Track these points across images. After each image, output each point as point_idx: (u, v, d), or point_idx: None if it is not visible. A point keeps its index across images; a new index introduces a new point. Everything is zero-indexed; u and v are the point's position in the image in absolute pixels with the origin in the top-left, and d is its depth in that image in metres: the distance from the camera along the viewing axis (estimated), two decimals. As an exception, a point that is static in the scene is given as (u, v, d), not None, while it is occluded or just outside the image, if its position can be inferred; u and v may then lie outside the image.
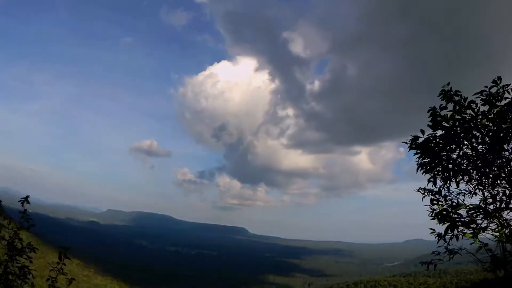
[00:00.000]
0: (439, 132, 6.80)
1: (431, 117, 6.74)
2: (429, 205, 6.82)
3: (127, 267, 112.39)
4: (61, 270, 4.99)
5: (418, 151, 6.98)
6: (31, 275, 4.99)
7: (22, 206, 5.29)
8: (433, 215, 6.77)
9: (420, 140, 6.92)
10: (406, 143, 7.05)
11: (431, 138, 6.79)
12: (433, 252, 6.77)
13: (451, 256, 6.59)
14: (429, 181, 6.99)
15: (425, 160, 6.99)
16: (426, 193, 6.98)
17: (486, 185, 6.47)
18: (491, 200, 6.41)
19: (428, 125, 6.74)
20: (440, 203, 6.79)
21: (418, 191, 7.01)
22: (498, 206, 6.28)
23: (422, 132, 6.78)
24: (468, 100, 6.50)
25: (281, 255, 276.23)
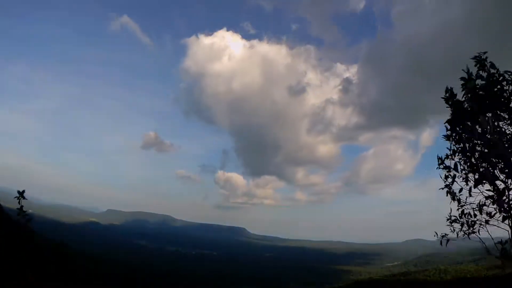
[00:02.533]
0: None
1: (463, 80, 6.25)
2: (443, 179, 6.60)
3: (127, 267, 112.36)
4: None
5: (450, 103, 6.31)
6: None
7: (19, 202, 5.27)
8: (446, 191, 6.58)
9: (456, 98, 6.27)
10: (447, 91, 6.27)
11: (463, 102, 6.23)
12: (447, 222, 6.54)
13: (467, 235, 6.35)
14: (447, 156, 6.61)
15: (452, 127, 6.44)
16: (442, 165, 6.63)
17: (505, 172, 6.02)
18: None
19: (462, 85, 6.16)
20: (455, 179, 6.49)
21: (438, 159, 6.62)
22: (508, 200, 5.91)
23: (466, 79, 6.10)
24: (501, 76, 6.04)
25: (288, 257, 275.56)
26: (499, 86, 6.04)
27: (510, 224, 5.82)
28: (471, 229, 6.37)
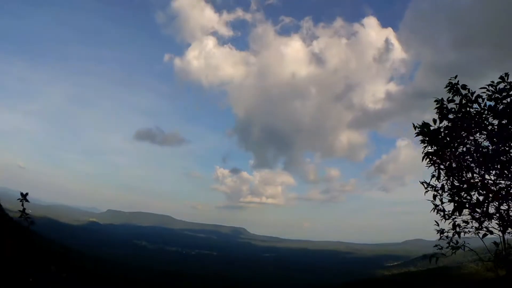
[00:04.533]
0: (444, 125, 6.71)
1: (437, 109, 6.68)
2: (431, 200, 6.82)
3: (127, 267, 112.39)
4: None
5: (426, 138, 6.74)
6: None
7: (22, 205, 5.28)
8: (436, 210, 6.83)
9: (431, 128, 6.70)
10: (415, 127, 6.74)
11: (440, 129, 6.66)
12: (436, 246, 6.79)
13: (454, 251, 6.66)
14: (433, 175, 6.88)
15: (432, 149, 6.80)
16: (429, 188, 6.88)
17: (489, 182, 6.40)
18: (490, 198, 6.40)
19: (434, 118, 6.64)
20: (441, 198, 6.76)
21: (422, 184, 6.90)
22: (499, 204, 6.25)
23: (434, 121, 6.62)
24: (475, 95, 6.43)
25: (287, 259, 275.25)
26: (474, 105, 6.44)
27: (500, 229, 6.13)
28: (458, 244, 6.69)
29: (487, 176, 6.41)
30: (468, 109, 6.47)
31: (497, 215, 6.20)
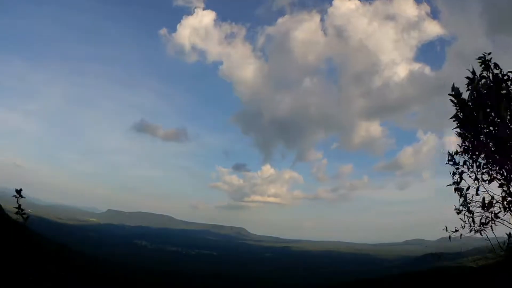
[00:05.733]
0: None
1: (468, 80, 6.33)
2: (451, 175, 6.65)
3: (127, 268, 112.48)
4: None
5: (456, 102, 6.32)
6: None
7: (17, 201, 5.30)
8: (454, 188, 6.62)
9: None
10: (453, 90, 6.32)
11: (469, 102, 6.27)
12: (456, 230, 6.57)
13: (477, 231, 6.34)
14: (457, 152, 6.64)
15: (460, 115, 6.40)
16: (452, 162, 6.67)
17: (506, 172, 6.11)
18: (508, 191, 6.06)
19: (467, 89, 6.25)
20: (462, 176, 6.52)
21: (447, 154, 6.70)
22: None
23: (471, 81, 6.21)
24: (506, 76, 6.07)
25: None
26: (503, 85, 6.09)
27: None
28: (476, 225, 6.38)
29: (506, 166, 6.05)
30: (498, 88, 6.10)
31: None
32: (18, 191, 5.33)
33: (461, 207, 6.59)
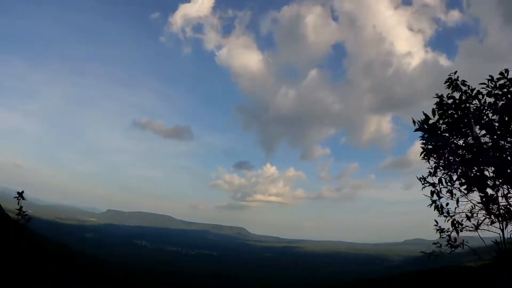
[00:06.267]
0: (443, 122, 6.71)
1: (436, 105, 6.65)
2: (429, 196, 6.84)
3: (127, 268, 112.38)
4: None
5: (425, 135, 6.68)
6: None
7: (18, 203, 5.30)
8: (433, 207, 6.86)
9: (430, 122, 6.64)
10: (415, 122, 6.66)
11: (438, 123, 6.63)
12: (435, 243, 6.81)
13: (453, 249, 6.68)
14: (430, 173, 6.90)
15: (430, 146, 6.81)
16: (425, 184, 6.91)
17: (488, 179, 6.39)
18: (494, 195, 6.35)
19: (433, 108, 6.62)
20: (440, 194, 6.80)
21: (419, 179, 6.92)
22: (498, 205, 6.28)
23: (433, 112, 6.56)
24: (475, 91, 6.42)
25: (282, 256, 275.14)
26: (475, 101, 6.44)
27: (501, 227, 6.17)
28: (457, 242, 6.68)
29: (485, 173, 6.39)
30: (468, 105, 6.46)
31: (496, 206, 6.22)
32: (20, 193, 5.35)
33: (441, 227, 6.86)
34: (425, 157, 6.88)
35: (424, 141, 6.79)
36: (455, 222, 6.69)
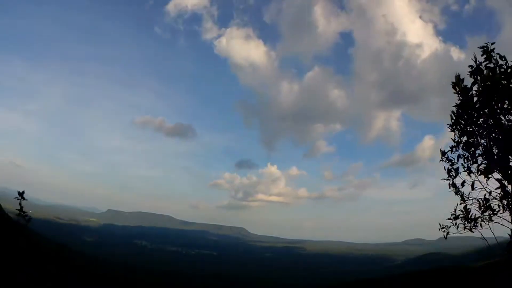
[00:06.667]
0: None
1: (470, 72, 6.17)
2: (445, 178, 6.58)
3: (127, 268, 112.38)
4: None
5: (458, 91, 6.20)
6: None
7: (20, 203, 5.29)
8: (449, 185, 6.52)
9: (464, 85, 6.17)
10: (456, 78, 6.17)
11: (471, 91, 6.13)
12: (450, 217, 6.48)
13: (470, 227, 6.33)
14: (451, 148, 6.52)
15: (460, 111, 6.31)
16: (444, 159, 6.57)
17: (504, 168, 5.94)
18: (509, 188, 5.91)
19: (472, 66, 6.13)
20: (458, 172, 6.42)
21: (441, 151, 6.56)
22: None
23: (472, 69, 6.08)
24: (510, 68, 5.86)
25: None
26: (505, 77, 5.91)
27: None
28: (474, 223, 6.29)
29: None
30: (502, 80, 5.90)
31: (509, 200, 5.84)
32: (21, 193, 5.32)
33: (458, 211, 6.48)
34: (454, 126, 6.38)
35: (458, 104, 6.27)
36: (467, 207, 6.38)
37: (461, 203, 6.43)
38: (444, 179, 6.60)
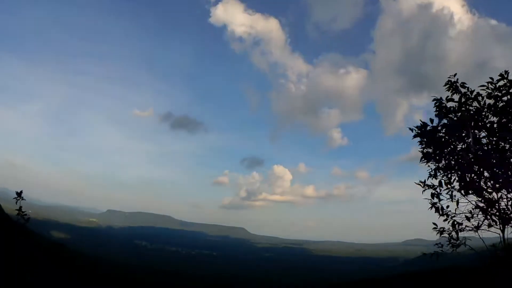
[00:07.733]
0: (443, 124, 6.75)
1: (436, 108, 6.71)
2: (429, 199, 6.89)
3: (127, 268, 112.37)
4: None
5: (424, 139, 6.79)
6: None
7: (16, 203, 5.32)
8: (434, 209, 6.91)
9: (428, 128, 6.75)
10: (412, 130, 6.82)
11: (438, 128, 6.68)
12: (436, 244, 6.90)
13: (454, 249, 6.73)
14: (430, 175, 6.95)
15: (429, 150, 6.88)
16: (425, 187, 6.97)
17: (487, 181, 6.42)
18: (493, 198, 6.42)
19: (435, 115, 6.69)
20: (440, 197, 6.89)
21: (418, 184, 6.93)
22: (498, 207, 6.31)
23: (431, 120, 6.66)
24: (474, 93, 6.42)
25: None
26: (474, 103, 6.44)
27: (501, 228, 6.23)
28: (458, 241, 6.78)
29: (485, 173, 6.42)
30: (467, 107, 6.45)
31: (496, 208, 6.25)
32: (19, 193, 5.36)
33: (440, 228, 6.98)
34: (425, 160, 6.95)
35: (423, 146, 6.88)
36: (455, 223, 6.74)
37: (448, 221, 6.94)
38: (429, 208, 7.00)
